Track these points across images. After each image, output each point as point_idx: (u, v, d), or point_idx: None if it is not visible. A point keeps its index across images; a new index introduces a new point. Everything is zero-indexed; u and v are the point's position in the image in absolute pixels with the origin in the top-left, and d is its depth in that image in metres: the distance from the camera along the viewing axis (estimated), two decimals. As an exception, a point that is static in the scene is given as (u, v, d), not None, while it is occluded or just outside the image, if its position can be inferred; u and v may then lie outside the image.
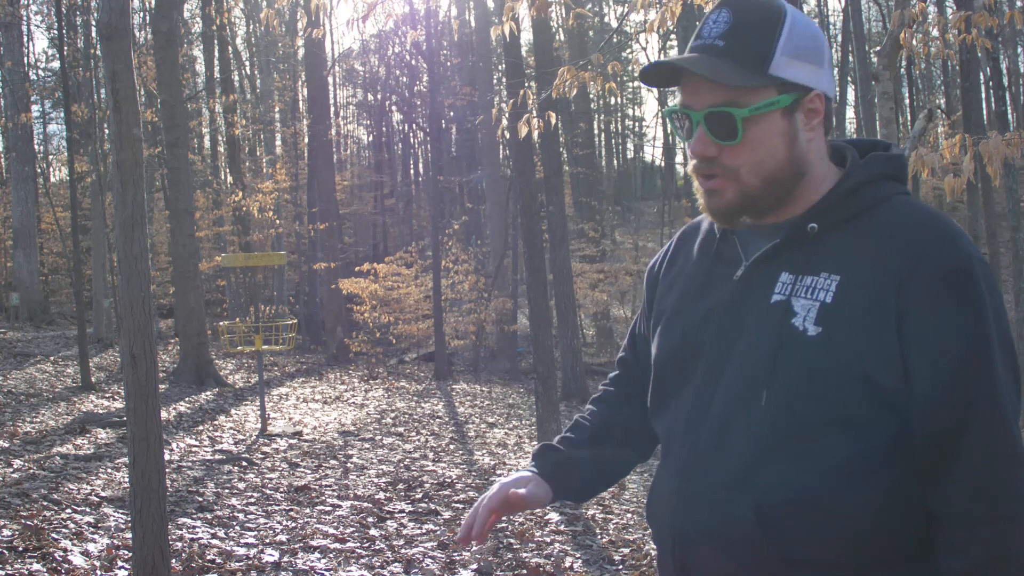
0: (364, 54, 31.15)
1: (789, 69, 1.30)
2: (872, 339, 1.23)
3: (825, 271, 1.28)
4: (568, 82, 5.09)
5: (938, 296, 1.22)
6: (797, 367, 1.26)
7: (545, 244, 11.66)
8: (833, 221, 1.31)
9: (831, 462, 1.25)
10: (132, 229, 3.60)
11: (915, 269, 1.23)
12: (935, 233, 1.25)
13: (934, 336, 1.22)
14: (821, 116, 1.34)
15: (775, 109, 1.30)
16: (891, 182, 1.34)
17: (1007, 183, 14.91)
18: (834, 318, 1.25)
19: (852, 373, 1.23)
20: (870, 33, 29.05)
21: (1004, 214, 18.12)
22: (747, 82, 1.28)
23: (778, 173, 1.32)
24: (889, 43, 5.99)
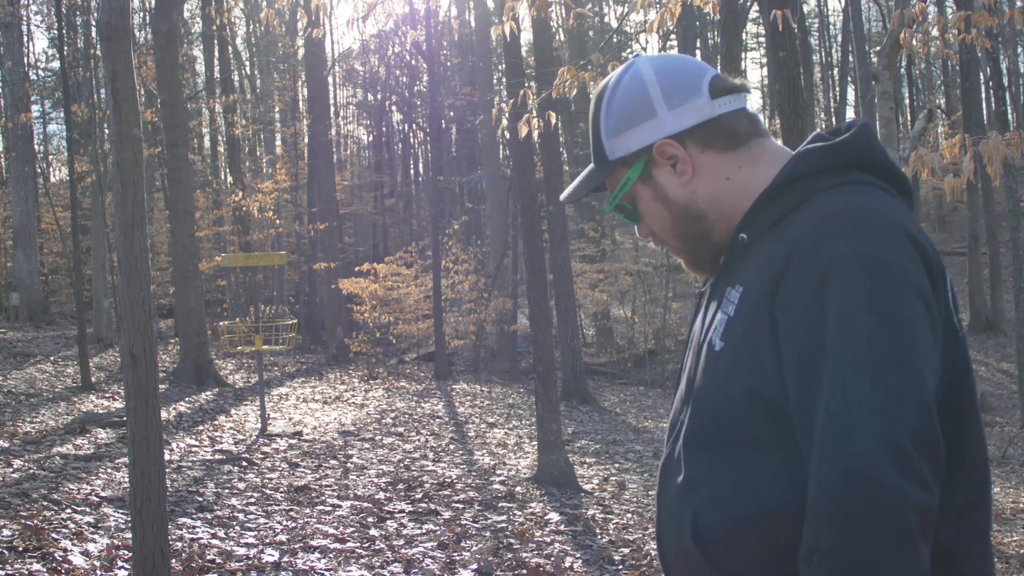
0: (364, 54, 31.17)
1: (620, 146, 1.35)
2: (753, 350, 1.20)
3: (738, 282, 1.27)
4: (568, 82, 5.09)
5: (800, 296, 1.15)
6: (704, 383, 1.28)
7: (545, 244, 11.67)
8: (758, 229, 1.28)
9: (751, 480, 1.21)
10: (132, 229, 3.60)
11: (783, 273, 1.18)
12: (813, 231, 1.18)
13: (792, 346, 1.16)
14: (682, 156, 1.31)
15: (631, 185, 1.36)
16: (824, 175, 1.25)
17: (1007, 183, 14.91)
18: (733, 332, 1.24)
19: (742, 388, 1.21)
20: (870, 33, 29.06)
21: (1004, 214, 18.13)
22: (595, 181, 1.39)
23: (678, 228, 1.36)
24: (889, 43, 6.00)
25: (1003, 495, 8.84)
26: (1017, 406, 15.07)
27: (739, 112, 1.34)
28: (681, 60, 1.37)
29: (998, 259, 22.22)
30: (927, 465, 1.09)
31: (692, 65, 1.36)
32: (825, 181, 1.25)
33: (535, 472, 7.81)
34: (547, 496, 7.13)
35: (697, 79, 1.33)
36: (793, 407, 1.16)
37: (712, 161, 1.33)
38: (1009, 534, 6.99)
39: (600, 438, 11.00)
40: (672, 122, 1.32)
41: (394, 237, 30.76)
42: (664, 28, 4.61)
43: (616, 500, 7.24)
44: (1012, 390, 16.82)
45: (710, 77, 1.33)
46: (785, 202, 1.26)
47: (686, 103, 1.32)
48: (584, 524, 6.28)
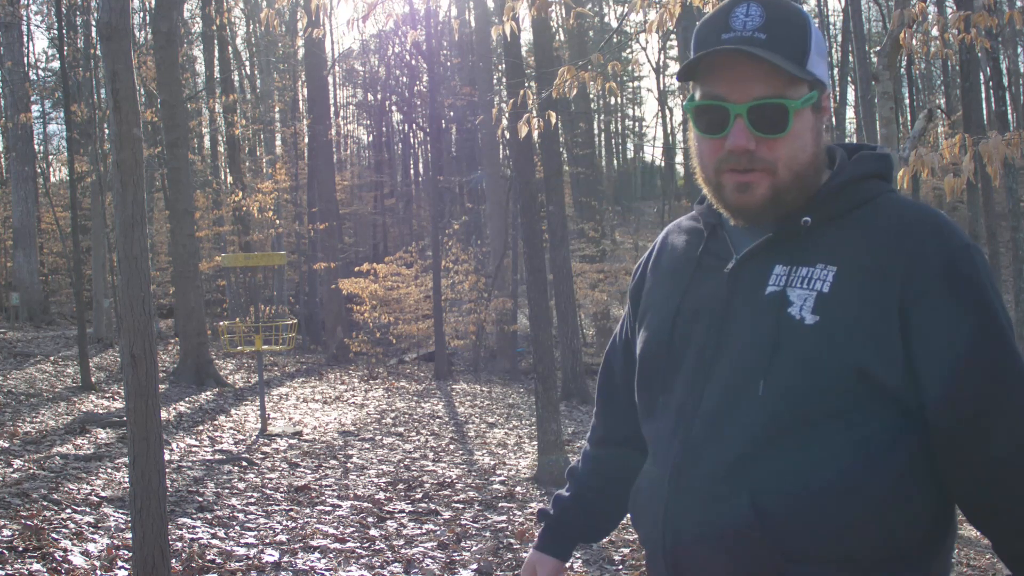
0: (364, 54, 31.17)
1: (818, 67, 1.33)
2: (870, 331, 1.23)
3: (821, 262, 1.28)
4: (568, 82, 5.09)
5: (941, 289, 1.23)
6: (794, 356, 1.25)
7: (545, 244, 11.66)
8: (826, 215, 1.32)
9: (830, 454, 1.23)
10: (132, 229, 3.60)
11: (916, 262, 1.24)
12: (932, 226, 1.27)
13: (941, 329, 1.22)
14: (828, 114, 1.38)
15: (810, 104, 1.32)
16: (878, 180, 1.36)
17: (1007, 183, 14.91)
18: (832, 308, 1.24)
19: (849, 364, 1.22)
20: (870, 33, 29.04)
21: (1004, 214, 18.13)
22: (799, 74, 1.29)
23: (807, 168, 1.33)
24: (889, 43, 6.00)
25: (1003, 495, 8.85)
26: (1017, 406, 15.08)
27: None
28: None
29: (998, 259, 22.20)
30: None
31: None
32: (883, 186, 1.36)
33: (535, 472, 7.81)
34: (547, 496, 7.13)
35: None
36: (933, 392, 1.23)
37: (821, 132, 1.38)
38: (1009, 534, 6.98)
39: (600, 438, 10.99)
40: (826, 78, 1.35)
41: (394, 237, 30.75)
42: (664, 28, 4.61)
43: (616, 500, 7.24)
44: (1012, 390, 16.82)
45: None
46: (856, 196, 1.33)
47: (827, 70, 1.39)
48: (584, 524, 6.27)
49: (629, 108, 45.55)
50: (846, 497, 1.22)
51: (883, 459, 1.23)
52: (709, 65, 1.31)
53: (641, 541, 1.45)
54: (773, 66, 1.27)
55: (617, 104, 41.69)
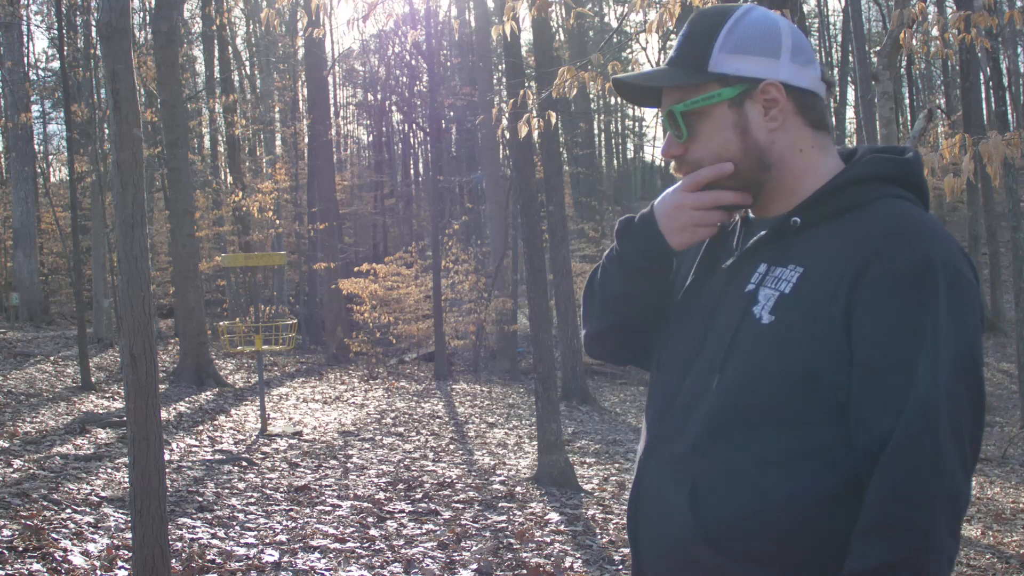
0: (364, 54, 31.16)
1: (730, 64, 1.34)
2: (819, 334, 1.23)
3: (793, 263, 1.30)
4: (568, 82, 5.09)
5: (886, 294, 1.20)
6: (746, 355, 1.28)
7: (545, 244, 11.67)
8: (816, 216, 1.31)
9: (767, 459, 1.24)
10: (132, 229, 3.60)
11: (869, 266, 1.21)
12: (899, 232, 1.23)
13: (870, 341, 1.20)
14: (781, 105, 1.34)
15: (717, 102, 1.34)
16: (886, 184, 1.32)
17: (1007, 183, 14.91)
18: (788, 309, 1.26)
19: (796, 366, 1.23)
20: (870, 33, 29.03)
21: (1004, 214, 18.13)
22: (680, 81, 1.36)
23: (740, 164, 1.35)
24: (889, 43, 6.00)
25: (1003, 495, 8.84)
26: (1017, 406, 15.07)
27: (823, 102, 1.40)
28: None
29: (998, 259, 22.23)
30: (974, 465, 1.21)
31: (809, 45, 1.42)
32: (887, 190, 1.31)
33: (535, 472, 7.81)
34: (547, 496, 7.13)
35: (813, 56, 1.39)
36: (858, 390, 1.21)
37: (798, 127, 1.36)
38: (1009, 534, 6.99)
39: (600, 438, 11.00)
40: (788, 73, 1.35)
41: (394, 237, 30.76)
42: (664, 28, 4.61)
43: (616, 500, 7.24)
44: (1012, 390, 16.82)
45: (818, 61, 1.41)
46: (849, 199, 1.31)
47: (806, 66, 1.36)
48: (584, 524, 6.28)
49: (629, 108, 45.48)
50: (777, 502, 1.23)
51: (822, 471, 1.22)
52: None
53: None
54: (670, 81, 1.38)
55: (617, 104, 41.66)
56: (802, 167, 1.36)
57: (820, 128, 1.38)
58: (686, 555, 1.30)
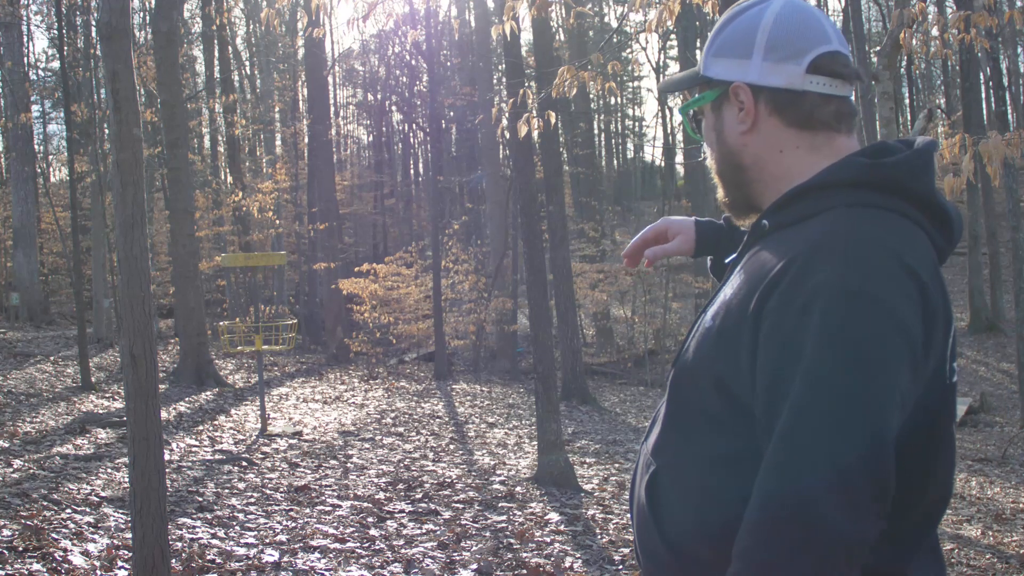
0: (364, 54, 31.16)
1: (712, 68, 1.36)
2: (730, 344, 1.21)
3: (743, 268, 1.29)
4: (568, 82, 5.09)
5: (784, 315, 1.14)
6: (687, 356, 1.32)
7: (545, 244, 11.67)
8: (779, 221, 1.28)
9: (708, 457, 1.25)
10: (132, 229, 3.60)
11: (779, 282, 1.17)
12: (815, 251, 1.16)
13: (764, 363, 1.16)
14: (747, 107, 1.31)
15: (702, 104, 1.39)
16: (855, 189, 1.23)
17: (1007, 183, 14.92)
18: (723, 315, 1.25)
19: (711, 370, 1.24)
20: (870, 33, 29.04)
21: (1004, 214, 18.12)
22: (679, 87, 1.43)
23: (719, 165, 1.39)
24: (889, 43, 6.00)
25: (1003, 495, 8.84)
26: (1017, 406, 15.07)
27: (831, 99, 1.30)
28: (808, 20, 1.32)
29: (998, 259, 22.22)
30: (869, 498, 1.08)
31: (815, 31, 1.31)
32: (848, 197, 1.23)
33: (535, 472, 7.81)
34: (547, 496, 7.13)
35: (805, 47, 1.30)
36: (759, 416, 1.17)
37: (775, 128, 1.32)
38: (1009, 534, 6.98)
39: (600, 438, 11.00)
40: (758, 73, 1.31)
41: (394, 237, 30.75)
42: (664, 27, 4.61)
43: (616, 500, 7.24)
44: (1012, 390, 16.82)
45: (821, 51, 1.30)
46: (808, 206, 1.25)
47: (780, 63, 1.30)
48: (584, 524, 6.28)
49: (629, 108, 45.57)
50: (700, 503, 1.25)
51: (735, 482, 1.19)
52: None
53: None
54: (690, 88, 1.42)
55: (617, 104, 41.71)
56: (782, 169, 1.32)
57: (808, 127, 1.30)
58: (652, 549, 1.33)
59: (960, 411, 14.70)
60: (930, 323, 1.15)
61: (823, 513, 1.06)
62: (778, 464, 1.10)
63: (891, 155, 1.26)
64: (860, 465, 1.07)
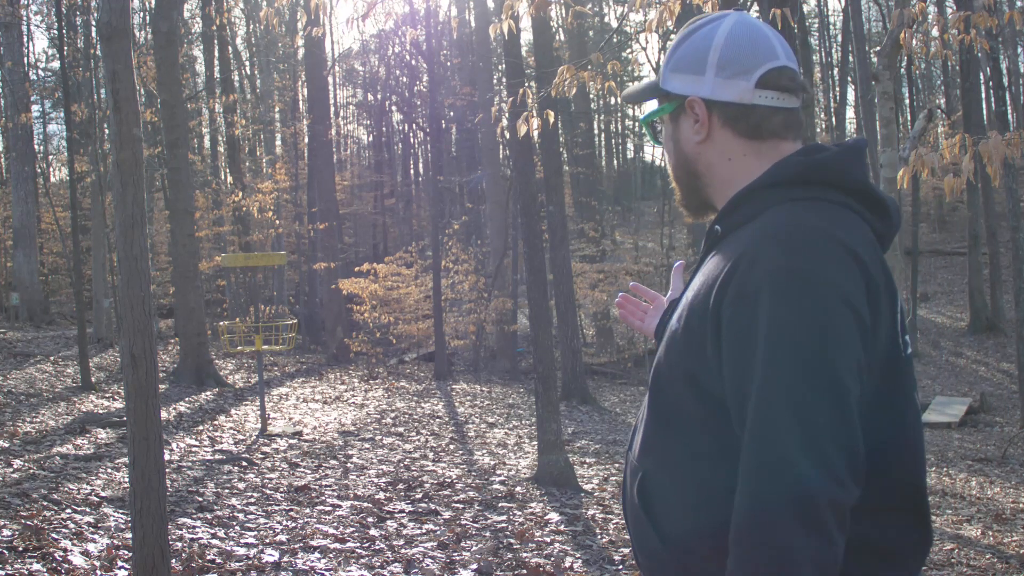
0: (364, 54, 31.17)
1: (670, 82, 1.45)
2: (696, 341, 1.29)
3: (700, 271, 1.38)
4: (568, 81, 5.09)
5: (739, 307, 1.22)
6: (660, 359, 1.39)
7: (545, 244, 11.67)
8: (730, 224, 1.37)
9: (693, 454, 1.31)
10: (132, 229, 3.60)
11: (728, 283, 1.25)
12: (757, 246, 1.24)
13: (728, 353, 1.23)
14: (702, 119, 1.40)
15: (661, 116, 1.49)
16: (789, 187, 1.33)
17: (1007, 183, 14.92)
18: (685, 316, 1.33)
19: (681, 370, 1.32)
20: (870, 33, 29.04)
21: (1004, 214, 18.12)
22: (639, 99, 1.55)
23: (676, 171, 1.49)
24: (889, 43, 6.00)
25: (1003, 495, 8.84)
26: (1017, 406, 15.07)
27: (779, 110, 1.39)
28: (757, 38, 1.40)
29: (998, 259, 22.22)
30: (843, 464, 1.15)
31: (763, 48, 1.39)
32: (788, 194, 1.32)
33: (535, 472, 7.81)
34: (547, 496, 7.13)
35: (755, 64, 1.38)
36: (731, 407, 1.24)
37: (726, 138, 1.41)
38: (1009, 534, 6.98)
39: (600, 438, 11.00)
40: (711, 88, 1.40)
41: (394, 237, 30.75)
42: (664, 27, 4.61)
43: (616, 500, 7.24)
44: (1012, 390, 16.82)
45: (769, 68, 1.38)
46: (755, 205, 1.34)
47: (731, 79, 1.39)
48: (584, 524, 6.28)
49: (629, 108, 45.51)
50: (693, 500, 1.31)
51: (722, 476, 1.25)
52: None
53: None
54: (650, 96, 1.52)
55: (617, 104, 41.68)
56: (729, 175, 1.41)
57: (757, 137, 1.39)
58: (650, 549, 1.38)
59: (960, 411, 14.71)
60: (874, 298, 1.23)
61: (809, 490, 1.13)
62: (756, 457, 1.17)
63: (824, 152, 1.36)
64: (829, 436, 1.15)
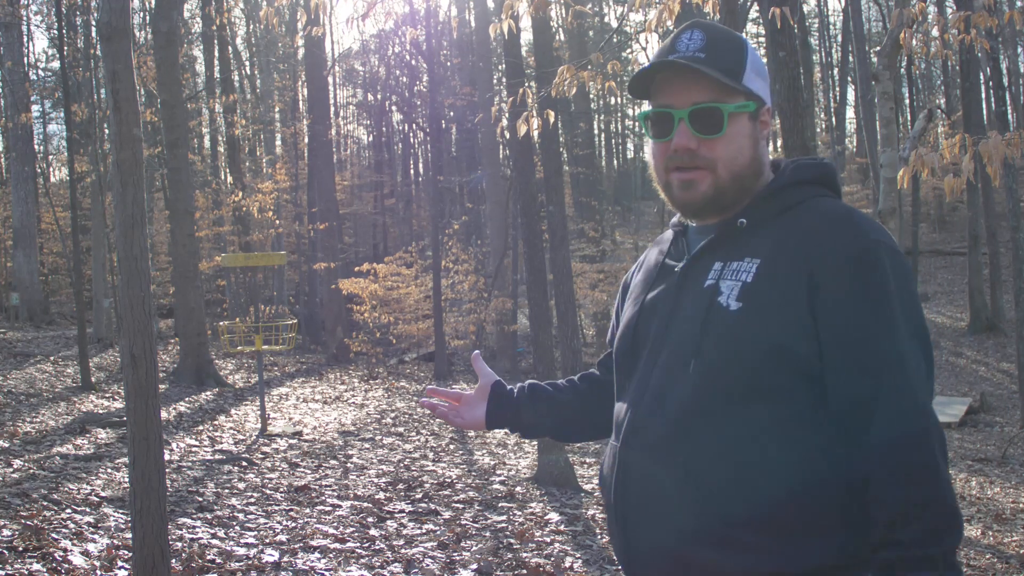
0: (364, 54, 31.16)
1: (754, 83, 1.54)
2: (786, 313, 1.39)
3: (748, 256, 1.47)
4: (568, 81, 5.09)
5: (843, 277, 1.38)
6: (720, 338, 1.42)
7: (545, 244, 11.67)
8: (760, 217, 1.50)
9: (758, 426, 1.39)
10: (132, 229, 3.60)
11: (824, 252, 1.39)
12: (842, 222, 1.43)
13: (840, 314, 1.37)
14: (768, 128, 1.57)
15: (746, 111, 1.52)
16: (814, 186, 1.54)
17: (1007, 183, 14.91)
18: (753, 295, 1.42)
19: (768, 343, 1.39)
20: (870, 33, 29.03)
21: (1004, 214, 18.11)
22: (731, 84, 1.51)
23: (744, 170, 1.52)
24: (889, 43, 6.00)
25: (1003, 495, 8.84)
26: (1017, 406, 15.07)
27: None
28: None
29: (998, 259, 22.20)
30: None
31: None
32: (817, 191, 1.53)
33: (535, 472, 7.81)
34: (547, 496, 7.13)
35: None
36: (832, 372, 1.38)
37: (766, 148, 1.59)
38: (1009, 534, 6.98)
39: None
40: (769, 98, 1.59)
41: (394, 237, 30.75)
42: (663, 27, 4.61)
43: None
44: (1012, 390, 16.82)
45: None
46: (787, 199, 1.51)
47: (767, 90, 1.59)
48: (584, 524, 6.28)
49: (629, 108, 45.49)
50: (774, 467, 1.37)
51: (805, 432, 1.38)
52: (660, 82, 1.54)
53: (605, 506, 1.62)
54: (710, 77, 1.49)
55: (617, 104, 41.69)
56: (764, 177, 1.56)
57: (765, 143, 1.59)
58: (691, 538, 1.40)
59: (960, 411, 14.70)
60: None
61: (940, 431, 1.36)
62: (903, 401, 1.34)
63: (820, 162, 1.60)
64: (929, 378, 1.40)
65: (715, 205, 1.53)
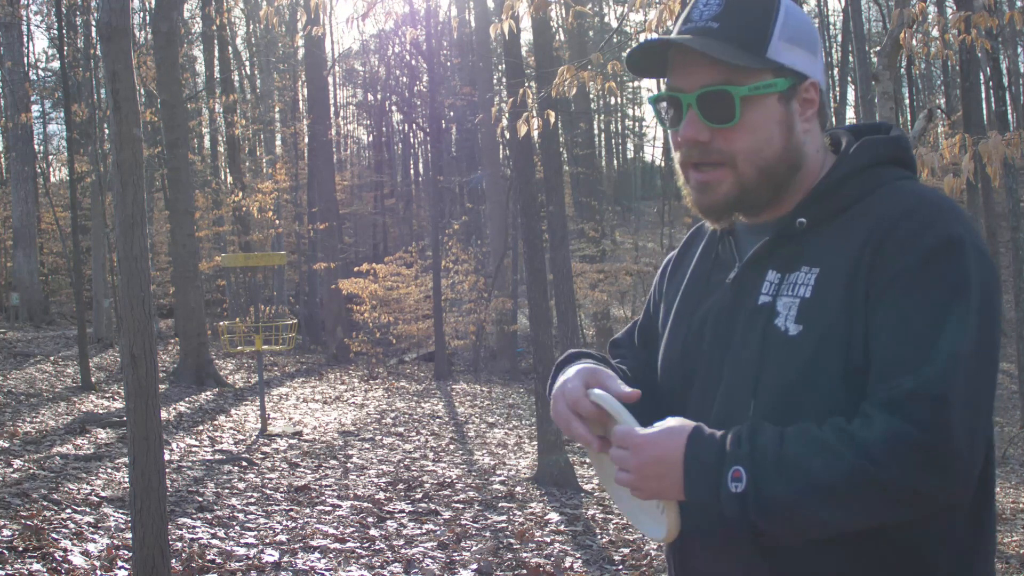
0: (364, 54, 31.17)
1: (786, 54, 1.25)
2: (855, 329, 1.16)
3: (807, 265, 1.22)
4: (568, 81, 5.09)
5: (911, 275, 1.14)
6: (780, 372, 1.21)
7: (545, 244, 11.67)
8: (822, 214, 1.24)
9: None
10: (132, 229, 3.60)
11: (883, 247, 1.16)
12: (916, 213, 1.17)
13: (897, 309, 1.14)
14: (816, 107, 1.27)
15: (772, 92, 1.24)
16: (888, 167, 1.26)
17: (1007, 183, 14.91)
18: (813, 313, 1.19)
19: (834, 370, 1.17)
20: (870, 33, 29.03)
21: (1004, 214, 18.13)
22: (744, 62, 1.22)
23: (774, 163, 1.25)
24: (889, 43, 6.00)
25: (1003, 495, 8.85)
26: (1017, 406, 15.08)
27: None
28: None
29: (998, 259, 22.21)
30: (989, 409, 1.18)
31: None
32: (890, 173, 1.25)
33: (535, 472, 7.81)
34: (547, 496, 7.13)
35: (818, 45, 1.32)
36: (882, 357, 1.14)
37: (818, 129, 1.31)
38: (1009, 534, 6.99)
39: (600, 438, 10.99)
40: (821, 71, 1.29)
41: (394, 237, 30.74)
42: (664, 27, 4.60)
43: (616, 500, 7.23)
44: (1012, 390, 16.83)
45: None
46: (854, 190, 1.24)
47: (823, 62, 1.31)
48: (584, 524, 6.28)
49: (629, 108, 45.51)
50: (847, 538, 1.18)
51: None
52: (673, 58, 1.28)
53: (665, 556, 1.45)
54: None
55: (617, 104, 41.69)
56: (817, 168, 1.29)
57: (824, 128, 1.32)
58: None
59: (960, 411, 14.68)
60: None
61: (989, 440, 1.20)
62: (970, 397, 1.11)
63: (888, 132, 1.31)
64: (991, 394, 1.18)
65: (742, 207, 1.28)
